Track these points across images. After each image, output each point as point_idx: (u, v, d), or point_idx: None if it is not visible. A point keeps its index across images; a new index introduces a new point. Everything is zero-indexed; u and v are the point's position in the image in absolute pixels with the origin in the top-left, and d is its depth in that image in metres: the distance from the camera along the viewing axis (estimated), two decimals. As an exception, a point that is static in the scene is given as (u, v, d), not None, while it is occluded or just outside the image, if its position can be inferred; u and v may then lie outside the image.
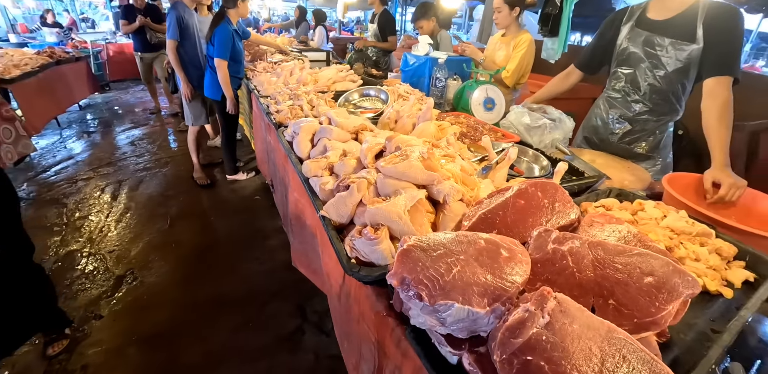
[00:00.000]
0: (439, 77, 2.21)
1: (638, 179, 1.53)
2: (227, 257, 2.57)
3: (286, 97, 2.08)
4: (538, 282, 0.68)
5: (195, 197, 3.35)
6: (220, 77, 2.94)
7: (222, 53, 2.86)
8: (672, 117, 1.72)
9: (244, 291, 2.26)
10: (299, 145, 1.42)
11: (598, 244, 0.70)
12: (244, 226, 2.92)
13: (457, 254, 0.65)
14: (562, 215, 0.84)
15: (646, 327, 0.62)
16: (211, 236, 2.80)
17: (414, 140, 1.11)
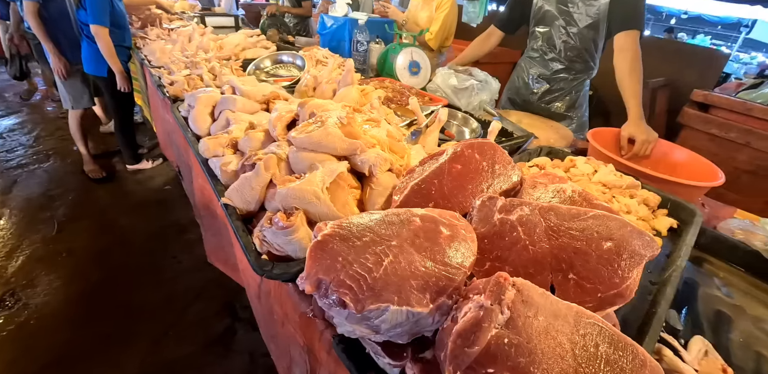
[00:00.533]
0: (360, 40, 2.01)
1: (561, 136, 1.54)
2: (136, 260, 2.21)
3: (182, 66, 1.75)
4: (487, 261, 0.57)
5: (88, 195, 2.84)
6: (103, 48, 2.42)
7: (99, 18, 2.34)
8: (587, 75, 1.75)
9: (162, 295, 1.97)
10: (196, 120, 1.16)
11: (549, 209, 0.60)
12: (154, 221, 2.54)
13: (387, 240, 0.51)
14: (503, 178, 0.73)
15: (611, 301, 0.54)
16: (113, 238, 2.39)
17: (331, 104, 0.93)
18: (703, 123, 2.07)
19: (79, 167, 3.04)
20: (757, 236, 1.12)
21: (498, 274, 0.46)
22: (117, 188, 2.94)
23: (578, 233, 0.58)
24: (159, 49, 2.20)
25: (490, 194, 0.64)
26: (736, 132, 1.96)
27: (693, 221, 0.94)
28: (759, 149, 1.90)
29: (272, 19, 3.24)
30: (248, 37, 2.36)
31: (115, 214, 2.62)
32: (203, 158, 0.99)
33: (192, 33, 2.29)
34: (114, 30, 2.45)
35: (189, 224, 2.47)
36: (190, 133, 1.17)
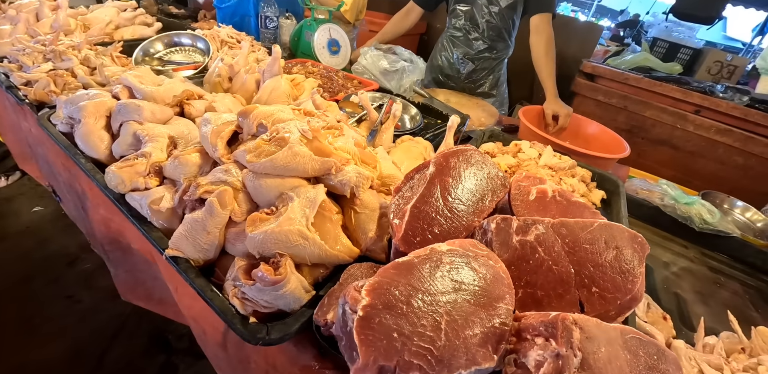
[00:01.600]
0: (269, 16, 1.77)
1: (490, 114, 1.60)
2: (17, 310, 1.75)
3: (40, 58, 1.33)
4: (519, 288, 0.54)
5: None
6: None
7: None
8: (506, 53, 1.82)
9: (65, 348, 1.60)
10: (87, 139, 0.90)
11: (560, 225, 0.58)
12: (29, 256, 2.03)
13: (433, 295, 0.43)
14: (495, 187, 0.69)
15: (629, 305, 0.56)
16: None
17: (279, 110, 0.78)
18: (592, 91, 2.35)
19: None
20: (655, 194, 1.32)
21: (560, 316, 0.42)
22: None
23: (590, 246, 0.57)
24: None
25: (505, 216, 0.60)
26: (617, 98, 2.26)
27: (618, 191, 1.07)
28: (633, 111, 2.24)
29: (143, -13, 2.66)
30: (121, 12, 1.90)
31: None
32: (116, 194, 0.76)
33: (40, 7, 1.76)
34: None
35: (79, 251, 2.03)
36: (82, 157, 0.90)
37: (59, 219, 2.21)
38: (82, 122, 0.91)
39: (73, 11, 1.81)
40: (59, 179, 1.51)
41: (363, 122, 1.04)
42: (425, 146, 1.00)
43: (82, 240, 2.00)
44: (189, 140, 0.90)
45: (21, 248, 2.06)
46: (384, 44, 1.70)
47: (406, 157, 0.93)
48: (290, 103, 1.17)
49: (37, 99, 1.18)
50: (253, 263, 0.61)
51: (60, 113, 1.02)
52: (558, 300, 0.53)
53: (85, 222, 1.49)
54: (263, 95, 1.16)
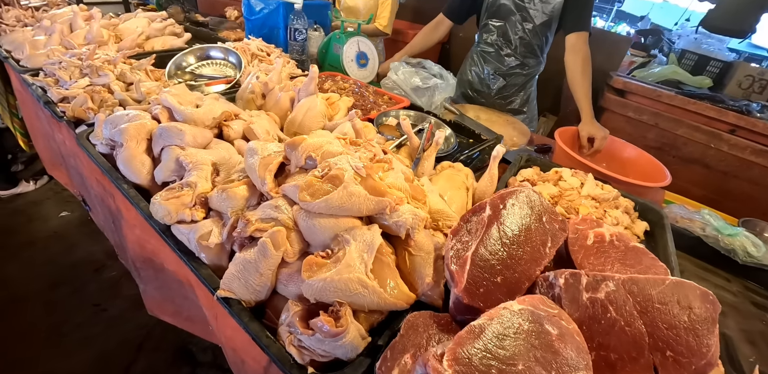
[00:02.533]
0: (298, 28, 1.75)
1: (521, 133, 1.57)
2: (43, 319, 1.77)
3: (76, 72, 1.34)
4: (592, 350, 0.51)
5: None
6: None
7: None
8: (537, 70, 1.78)
9: (92, 358, 1.61)
10: (129, 164, 0.89)
11: (631, 282, 0.56)
12: (57, 262, 2.05)
13: (512, 365, 0.41)
14: (555, 232, 0.67)
15: (703, 370, 0.52)
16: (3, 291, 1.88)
17: (327, 142, 0.76)
18: (621, 107, 2.30)
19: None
20: (696, 223, 1.28)
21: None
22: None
23: (662, 305, 0.55)
24: (27, 41, 1.67)
25: (574, 271, 0.58)
26: (648, 115, 2.21)
27: (662, 223, 1.03)
28: (665, 128, 2.18)
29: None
30: (152, 22, 1.91)
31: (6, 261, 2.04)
32: (162, 226, 0.76)
33: (74, 18, 1.77)
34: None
35: (105, 258, 2.05)
36: (124, 182, 0.89)
37: (85, 225, 2.24)
38: (124, 145, 0.91)
39: (106, 22, 1.83)
40: (91, 192, 1.52)
41: (403, 147, 1.02)
42: (466, 173, 0.98)
43: (108, 247, 2.02)
44: (231, 165, 0.90)
45: (49, 254, 2.08)
46: (413, 58, 1.68)
47: (449, 186, 0.91)
48: (325, 123, 1.16)
49: (75, 116, 1.19)
50: (309, 309, 0.60)
51: (99, 133, 1.02)
52: (632, 364, 0.51)
53: (116, 236, 1.50)
54: (298, 114, 1.15)
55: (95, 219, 1.79)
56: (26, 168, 2.68)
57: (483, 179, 0.92)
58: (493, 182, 0.91)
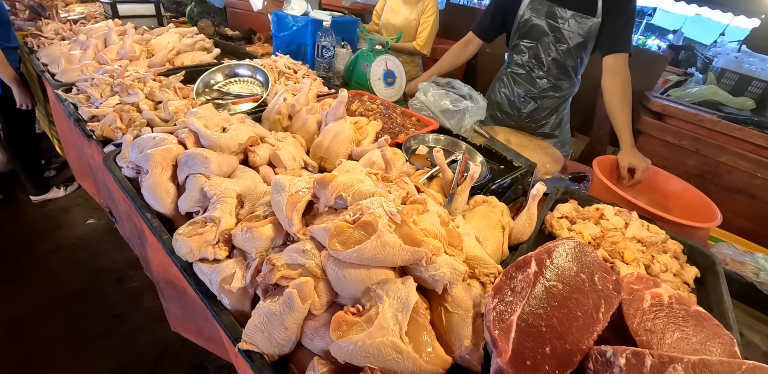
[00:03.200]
0: (326, 45, 1.74)
1: (554, 160, 1.50)
2: (64, 327, 1.78)
3: (107, 90, 1.35)
4: (660, 448, 0.45)
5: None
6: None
7: None
8: (571, 92, 1.71)
9: (109, 369, 1.61)
10: (154, 192, 0.87)
11: (702, 365, 0.49)
12: (80, 270, 2.07)
13: None
14: (609, 293, 0.60)
15: None
16: (26, 300, 1.91)
17: (359, 180, 0.72)
18: (659, 131, 2.18)
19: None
20: (749, 267, 1.17)
21: None
22: (20, 226, 2.35)
23: (741, 391, 0.48)
24: (63, 55, 1.71)
25: (636, 349, 0.51)
26: (688, 140, 2.09)
27: (715, 270, 0.94)
28: (706, 155, 2.05)
29: (202, 6, 2.74)
30: (183, 38, 1.93)
31: (23, 264, 2.09)
32: (184, 263, 0.73)
33: (108, 33, 1.81)
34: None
35: (128, 268, 2.06)
36: (147, 211, 0.87)
37: (110, 233, 2.26)
38: (150, 173, 0.89)
39: (139, 37, 1.86)
40: (118, 207, 1.52)
41: (435, 179, 0.98)
42: (501, 209, 0.92)
43: (131, 257, 2.03)
44: (256, 196, 0.87)
45: (74, 262, 2.11)
46: (442, 78, 1.64)
47: (485, 225, 0.85)
48: (353, 148, 1.13)
49: (103, 135, 1.19)
50: (336, 369, 0.55)
51: (126, 154, 1.01)
52: None
53: (141, 252, 1.49)
54: (325, 139, 1.12)
55: (121, 231, 1.80)
56: (58, 174, 2.75)
57: (521, 218, 0.87)
58: (531, 222, 0.85)
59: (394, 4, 2.31)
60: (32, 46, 2.05)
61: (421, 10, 2.25)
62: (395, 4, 2.30)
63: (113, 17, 2.51)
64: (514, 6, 1.57)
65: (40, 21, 2.27)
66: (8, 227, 2.33)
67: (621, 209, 1.02)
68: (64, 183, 2.59)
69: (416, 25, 2.28)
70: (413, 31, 2.32)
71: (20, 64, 2.16)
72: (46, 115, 2.37)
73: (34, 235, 2.29)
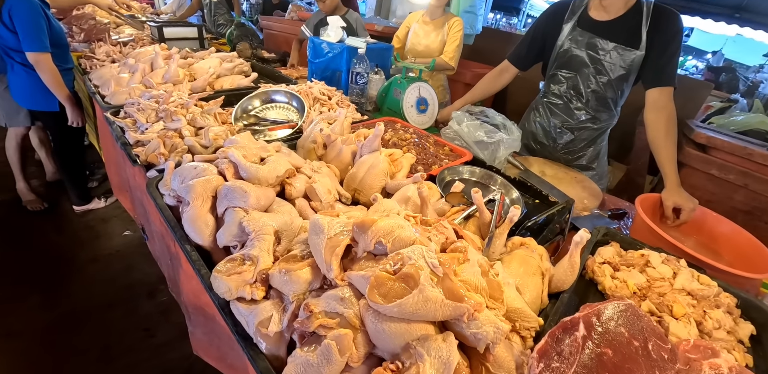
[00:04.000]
0: (360, 72, 1.77)
1: (592, 194, 1.44)
2: (99, 336, 1.83)
3: (152, 115, 1.41)
4: None
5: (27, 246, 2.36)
6: (47, 78, 1.98)
7: (37, 43, 1.89)
8: (610, 124, 1.66)
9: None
10: (194, 224, 0.89)
11: None
12: (114, 281, 2.14)
13: None
14: (664, 364, 0.57)
15: None
16: (63, 306, 1.98)
17: (399, 226, 0.71)
18: (704, 163, 2.08)
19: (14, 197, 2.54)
20: None
21: None
22: (62, 235, 2.46)
23: None
24: (113, 78, 1.82)
25: None
26: (735, 174, 1.98)
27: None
28: (755, 191, 1.93)
29: (241, 30, 2.86)
30: (224, 62, 2.01)
31: (62, 273, 2.18)
32: (222, 301, 0.73)
33: (155, 58, 1.91)
34: (53, 50, 2.00)
35: (158, 281, 2.11)
36: (186, 243, 0.89)
37: (144, 246, 2.32)
38: (191, 205, 0.91)
39: (183, 61, 1.95)
40: (152, 226, 1.57)
41: (471, 219, 0.96)
42: (540, 254, 0.89)
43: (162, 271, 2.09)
44: (292, 232, 0.87)
45: (109, 273, 2.19)
46: (475, 106, 1.63)
47: (524, 271, 0.82)
48: (387, 181, 1.13)
49: (147, 160, 1.24)
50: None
51: (168, 182, 1.04)
52: None
53: (170, 272, 1.53)
54: (360, 171, 1.12)
55: (151, 249, 1.85)
56: (99, 185, 2.89)
57: (562, 265, 0.83)
58: (574, 271, 0.82)
59: (419, 29, 2.33)
60: (85, 67, 2.19)
61: (446, 30, 2.30)
62: (421, 29, 2.33)
63: (159, 40, 2.66)
64: (553, 36, 1.55)
65: (94, 44, 2.42)
66: (51, 236, 2.44)
67: (669, 256, 0.97)
68: (105, 195, 2.71)
69: (440, 49, 2.33)
70: (438, 54, 2.37)
71: (74, 83, 2.30)
72: (95, 128, 2.51)
73: (75, 244, 2.39)
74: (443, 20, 2.27)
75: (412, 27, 2.36)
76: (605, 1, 1.42)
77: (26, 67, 2.06)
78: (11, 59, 2.07)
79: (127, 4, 3.31)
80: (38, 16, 1.90)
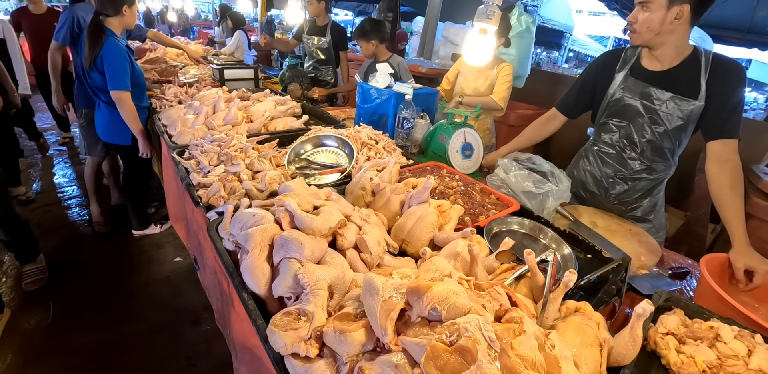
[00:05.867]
0: (407, 117, 1.84)
1: (650, 250, 1.36)
2: (145, 361, 1.91)
3: (214, 158, 1.53)
4: None
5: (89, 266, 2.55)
6: (126, 114, 2.22)
7: (120, 83, 2.14)
8: (668, 174, 1.58)
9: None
10: (252, 273, 0.94)
11: None
12: (162, 305, 2.25)
13: None
14: None
15: None
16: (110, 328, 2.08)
17: (453, 292, 0.71)
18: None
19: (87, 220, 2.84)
20: None
21: None
22: (121, 258, 2.64)
23: None
24: (179, 119, 1.99)
25: None
26: (810, 224, 1.82)
27: None
28: (834, 242, 1.76)
29: (293, 71, 3.06)
30: (278, 105, 2.16)
31: (117, 295, 2.31)
32: (277, 356, 0.76)
33: (218, 101, 2.09)
34: (133, 90, 2.25)
35: (203, 310, 2.19)
36: (243, 290, 0.94)
37: (193, 274, 2.44)
38: (250, 253, 0.96)
39: (242, 104, 2.11)
40: (205, 260, 1.66)
41: (523, 280, 0.94)
42: (597, 321, 0.85)
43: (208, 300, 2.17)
44: (344, 286, 0.90)
45: (159, 298, 2.30)
46: (521, 152, 1.63)
47: (580, 341, 0.79)
48: (435, 233, 1.14)
49: (208, 202, 1.33)
50: None
51: (227, 226, 1.11)
52: None
53: (218, 306, 1.59)
54: (408, 222, 1.15)
55: (201, 279, 1.94)
56: (156, 212, 3.10)
57: (622, 337, 0.79)
58: (636, 345, 0.77)
59: (468, 72, 2.39)
60: (156, 106, 2.42)
61: (495, 74, 2.31)
62: (469, 72, 2.38)
63: (220, 80, 2.91)
64: (604, 84, 1.53)
65: (164, 85, 2.69)
66: (111, 258, 2.62)
67: (742, 330, 0.89)
68: (160, 221, 2.90)
69: (488, 93, 2.35)
70: None
71: (148, 118, 2.55)
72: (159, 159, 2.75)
73: (131, 267, 2.55)
74: (493, 64, 2.29)
75: (461, 69, 2.43)
76: (656, 52, 1.40)
77: (109, 106, 2.31)
78: (98, 98, 2.34)
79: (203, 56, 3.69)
80: (124, 60, 2.15)
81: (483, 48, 1.45)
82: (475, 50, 1.47)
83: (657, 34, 1.32)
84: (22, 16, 3.63)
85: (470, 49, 1.48)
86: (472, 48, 1.47)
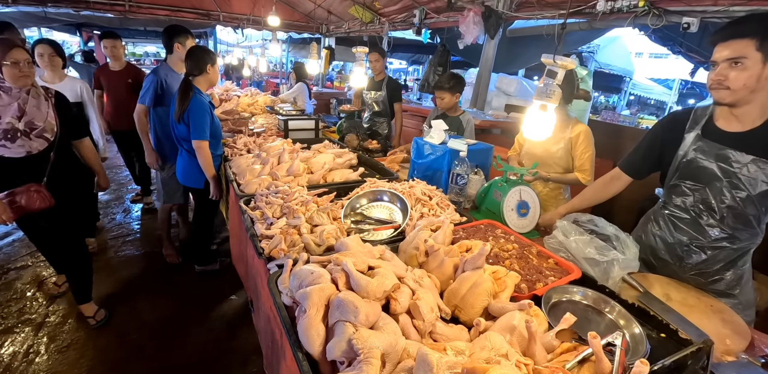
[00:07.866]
0: (460, 174, 1.87)
1: (736, 332, 1.19)
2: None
3: (278, 210, 1.64)
4: None
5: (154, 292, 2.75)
6: (202, 160, 2.49)
7: (201, 133, 2.43)
8: (753, 243, 1.42)
9: None
10: (308, 333, 0.97)
11: None
12: (216, 342, 2.33)
13: None
14: None
15: None
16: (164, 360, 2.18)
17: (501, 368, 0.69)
18: None
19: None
20: None
21: None
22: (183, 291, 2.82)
23: None
24: (248, 168, 2.18)
25: None
26: None
27: None
28: None
29: (350, 122, 3.28)
30: (337, 158, 2.31)
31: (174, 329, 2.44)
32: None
33: (282, 153, 2.28)
34: (211, 140, 2.53)
35: (252, 352, 2.24)
36: (298, 349, 0.97)
37: (247, 313, 2.54)
38: (306, 313, 1.00)
39: (304, 156, 2.28)
40: (261, 307, 1.72)
41: (586, 364, 0.88)
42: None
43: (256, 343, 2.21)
44: (396, 355, 0.89)
45: (211, 335, 2.40)
46: (583, 214, 1.56)
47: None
48: (490, 301, 1.11)
49: (271, 254, 1.42)
50: None
51: (286, 280, 1.16)
52: None
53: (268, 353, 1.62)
54: (462, 287, 1.13)
55: (255, 322, 2.00)
56: (218, 248, 3.32)
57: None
58: None
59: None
60: (228, 154, 2.68)
61: (569, 135, 2.07)
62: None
63: (285, 130, 3.17)
64: (672, 145, 1.45)
65: (235, 135, 2.99)
66: (174, 292, 2.80)
67: None
68: (221, 258, 3.09)
69: (560, 155, 2.12)
70: (552, 161, 2.17)
71: (220, 165, 2.83)
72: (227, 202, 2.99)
73: (189, 302, 2.70)
74: (565, 124, 2.07)
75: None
76: (738, 111, 1.30)
77: (190, 153, 2.60)
78: (182, 147, 2.65)
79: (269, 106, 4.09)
80: (205, 114, 2.45)
81: (543, 124, 1.43)
82: (535, 126, 1.46)
83: (752, 92, 1.23)
84: (101, 73, 3.67)
85: (530, 124, 1.46)
86: (532, 124, 1.45)
